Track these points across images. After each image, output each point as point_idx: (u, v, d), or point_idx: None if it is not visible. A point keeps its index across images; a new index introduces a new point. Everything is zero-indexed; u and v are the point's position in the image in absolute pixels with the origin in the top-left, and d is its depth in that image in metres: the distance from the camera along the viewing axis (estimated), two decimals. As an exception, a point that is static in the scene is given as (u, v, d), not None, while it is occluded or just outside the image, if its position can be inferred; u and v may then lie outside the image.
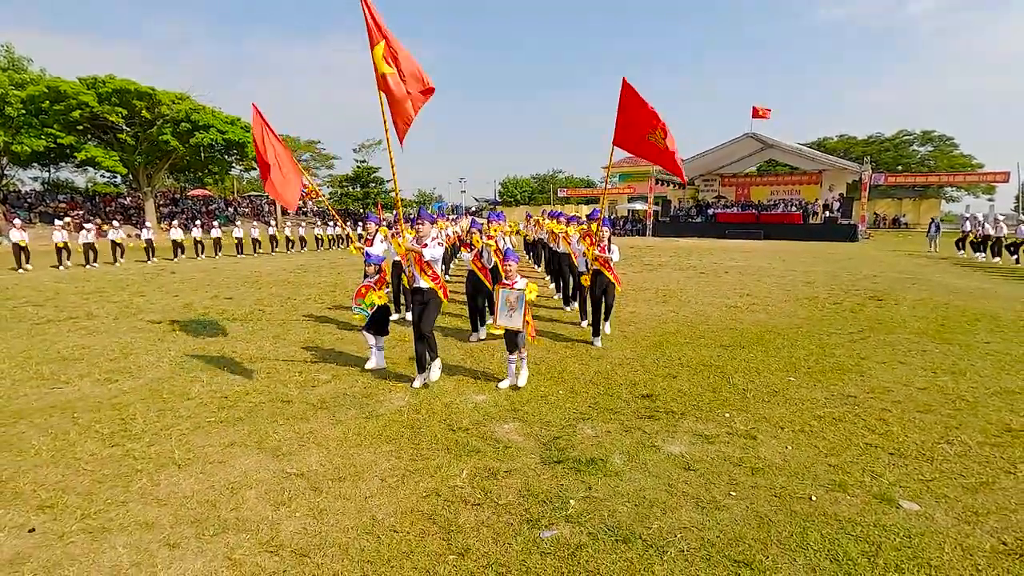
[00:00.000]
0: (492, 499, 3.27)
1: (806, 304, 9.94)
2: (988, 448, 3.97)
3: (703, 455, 3.86)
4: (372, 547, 2.80)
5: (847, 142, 55.50)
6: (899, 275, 14.39)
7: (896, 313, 9.03)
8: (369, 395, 5.11)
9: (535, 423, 4.44)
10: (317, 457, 3.83)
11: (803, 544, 2.82)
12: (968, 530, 2.95)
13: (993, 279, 13.86)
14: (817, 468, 3.67)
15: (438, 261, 5.22)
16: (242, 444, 4.04)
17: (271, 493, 3.35)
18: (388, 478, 3.53)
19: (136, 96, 32.71)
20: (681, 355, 6.48)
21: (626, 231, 40.35)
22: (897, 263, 18.03)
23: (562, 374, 5.76)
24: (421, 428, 4.32)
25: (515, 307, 5.17)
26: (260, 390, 5.25)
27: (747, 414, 4.64)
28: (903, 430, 4.30)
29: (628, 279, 13.20)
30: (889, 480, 3.49)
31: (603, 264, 6.84)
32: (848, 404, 4.87)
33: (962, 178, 43.40)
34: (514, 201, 64.65)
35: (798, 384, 5.42)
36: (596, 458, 3.77)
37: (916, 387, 5.32)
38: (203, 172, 42.62)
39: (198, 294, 11.49)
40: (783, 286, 12.25)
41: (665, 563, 2.67)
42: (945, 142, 52.67)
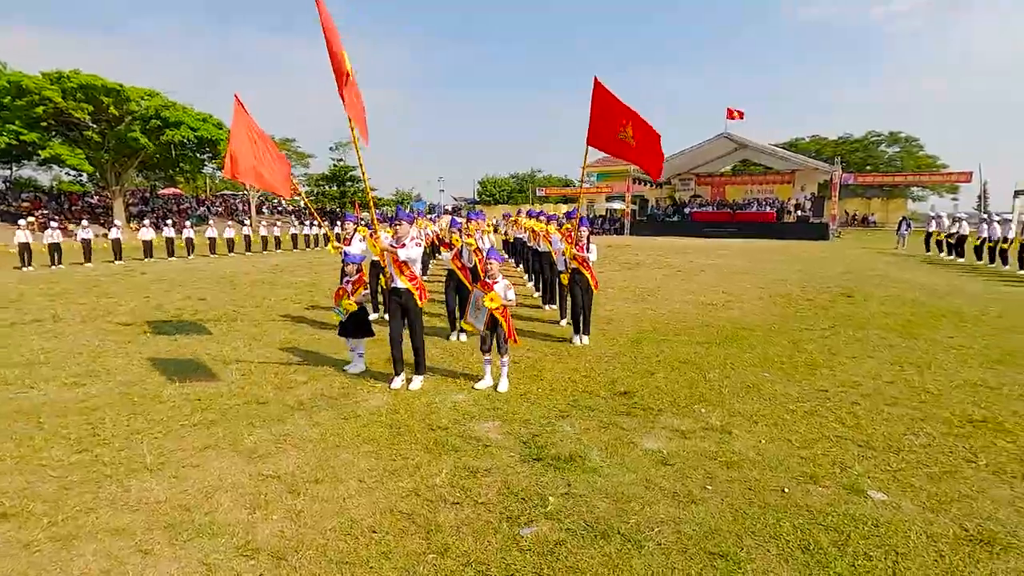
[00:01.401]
0: (472, 497, 3.27)
1: (780, 301, 10.16)
2: (951, 439, 4.11)
3: (679, 450, 3.92)
4: (350, 548, 2.78)
5: (818, 142, 56.79)
6: (869, 273, 14.79)
7: (866, 309, 9.29)
8: (347, 396, 5.06)
9: (514, 421, 4.45)
10: (294, 459, 3.78)
11: (776, 535, 2.89)
12: (933, 518, 3.06)
13: (958, 276, 14.34)
14: (790, 461, 3.76)
15: (416, 261, 5.19)
16: (216, 447, 3.97)
17: (247, 496, 3.30)
18: (366, 479, 3.50)
19: (103, 92, 31.79)
20: (658, 352, 6.57)
21: (604, 230, 40.63)
22: (867, 261, 18.52)
23: (541, 372, 5.79)
24: (400, 428, 4.30)
25: (481, 309, 5.18)
26: (235, 392, 5.16)
27: (722, 409, 4.72)
28: (871, 423, 4.42)
29: (606, 277, 13.31)
30: (858, 471, 3.60)
31: (581, 263, 6.89)
32: (819, 398, 4.99)
33: (927, 178, 44.82)
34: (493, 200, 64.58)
35: (772, 379, 5.54)
36: (575, 455, 3.80)
37: (884, 380, 5.48)
38: (174, 170, 41.72)
39: (170, 295, 11.24)
40: (757, 284, 12.49)
41: (643, 557, 2.71)
42: (911, 143, 54.30)
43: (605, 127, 6.03)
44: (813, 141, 57.45)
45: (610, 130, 6.00)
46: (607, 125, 5.99)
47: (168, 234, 21.20)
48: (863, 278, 13.46)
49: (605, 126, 6.02)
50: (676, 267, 16.19)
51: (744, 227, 33.63)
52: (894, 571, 2.60)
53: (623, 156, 6.17)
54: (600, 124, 6.04)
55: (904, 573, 2.58)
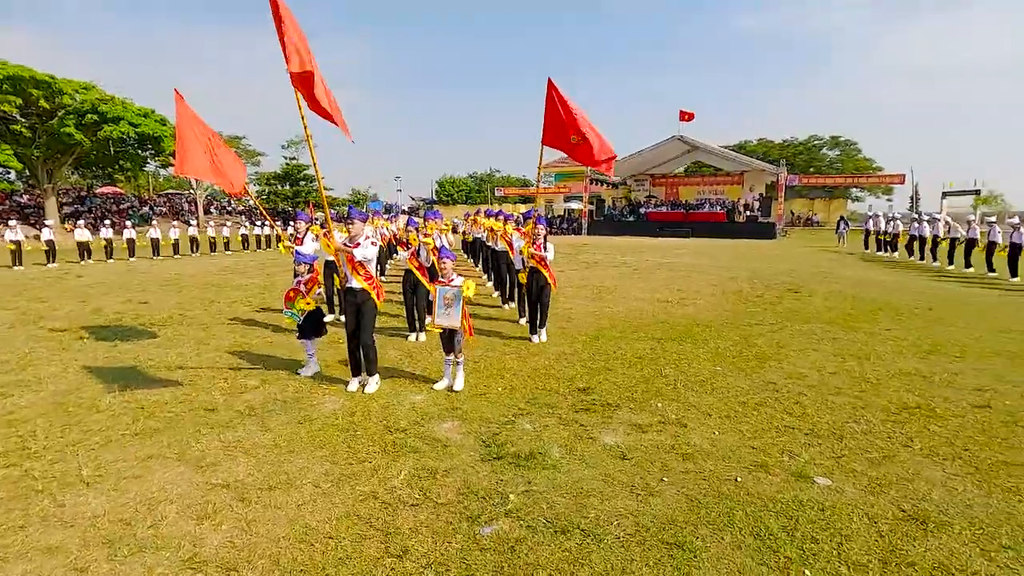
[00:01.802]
0: (431, 499, 3.23)
1: (731, 298, 10.50)
2: (889, 425, 4.34)
3: (637, 444, 3.98)
4: (305, 556, 2.69)
5: (765, 145, 59.08)
6: (813, 270, 15.48)
7: (810, 305, 9.71)
8: (301, 400, 4.91)
9: (474, 420, 4.43)
10: (245, 466, 3.64)
11: (730, 523, 2.97)
12: (873, 500, 3.22)
13: (893, 272, 15.20)
14: (741, 451, 3.88)
15: (371, 261, 5.08)
16: (161, 456, 3.78)
17: (194, 507, 3.15)
18: (322, 484, 3.41)
19: (33, 84, 29.79)
20: (616, 349, 6.67)
21: (562, 230, 41.01)
22: (811, 258, 19.39)
23: (500, 371, 5.78)
24: (356, 431, 4.20)
25: (452, 304, 5.13)
26: (181, 399, 4.93)
27: (678, 403, 4.83)
28: (817, 412, 4.62)
29: (565, 276, 13.43)
30: (805, 459, 3.75)
31: (539, 262, 6.92)
32: (769, 390, 5.18)
33: (865, 179, 47.40)
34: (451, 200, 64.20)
35: (724, 373, 5.71)
36: (535, 452, 3.81)
37: (827, 372, 5.74)
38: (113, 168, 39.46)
39: (109, 299, 10.64)
40: (710, 281, 12.87)
41: (602, 550, 2.73)
42: (850, 146, 57.21)
43: (559, 127, 6.08)
44: (760, 144, 59.70)
45: (563, 130, 6.06)
46: (560, 125, 6.05)
47: (106, 235, 20.06)
48: (808, 275, 14.07)
49: (559, 126, 6.07)
50: (632, 266, 16.51)
51: (697, 227, 34.59)
52: (839, 552, 2.72)
53: (575, 157, 6.24)
54: (554, 124, 6.09)
55: (848, 553, 2.70)
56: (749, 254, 20.98)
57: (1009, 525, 2.95)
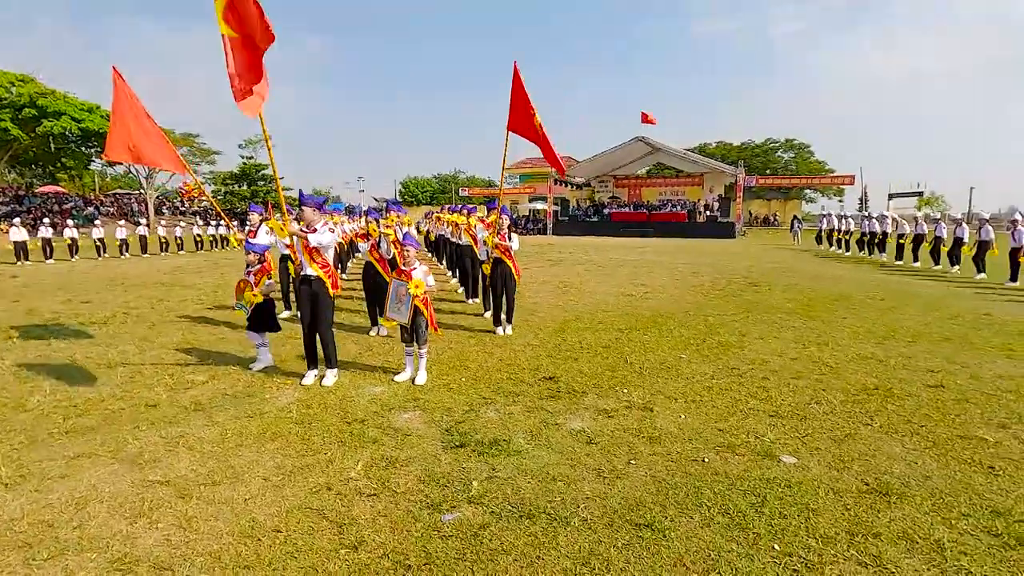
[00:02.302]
0: (390, 488, 3.05)
1: (693, 291, 10.62)
2: (850, 405, 4.39)
3: (603, 429, 3.90)
4: (250, 551, 2.48)
5: (724, 147, 60.67)
6: (772, 266, 15.88)
7: (770, 297, 9.90)
8: (252, 394, 4.64)
9: (436, 410, 4.26)
10: (187, 462, 3.38)
11: (698, 503, 2.91)
12: (837, 476, 3.21)
13: (846, 267, 15.73)
14: (708, 433, 3.84)
15: (327, 248, 4.85)
16: (92, 455, 3.48)
17: (127, 505, 2.88)
18: (272, 477, 3.19)
19: (-36, 75, 28.02)
20: (581, 339, 6.60)
21: (527, 230, 41.08)
22: (769, 255, 19.91)
23: (464, 362, 5.63)
24: (312, 423, 3.98)
25: (403, 300, 4.96)
26: (120, 396, 4.59)
27: (644, 389, 4.78)
28: (780, 395, 4.64)
29: (531, 274, 13.36)
30: (771, 439, 3.73)
31: (503, 252, 6.80)
32: (733, 375, 5.19)
33: (818, 180, 49.22)
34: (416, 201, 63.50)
35: (689, 360, 5.71)
36: (499, 439, 3.67)
37: (789, 357, 5.81)
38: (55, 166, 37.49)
39: (46, 299, 9.97)
40: (673, 277, 13.02)
41: (569, 533, 2.62)
42: (804, 149, 59.34)
43: (524, 113, 5.98)
44: (719, 146, 61.29)
45: (528, 117, 5.97)
46: (525, 112, 5.96)
47: (45, 234, 18.89)
48: (767, 270, 14.41)
49: (524, 112, 5.97)
50: (597, 263, 16.58)
51: (659, 227, 35.17)
52: (807, 526, 2.68)
53: (540, 144, 6.16)
54: (519, 109, 5.99)
55: (816, 527, 2.67)
56: (710, 252, 21.40)
57: (967, 494, 2.99)
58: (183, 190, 49.44)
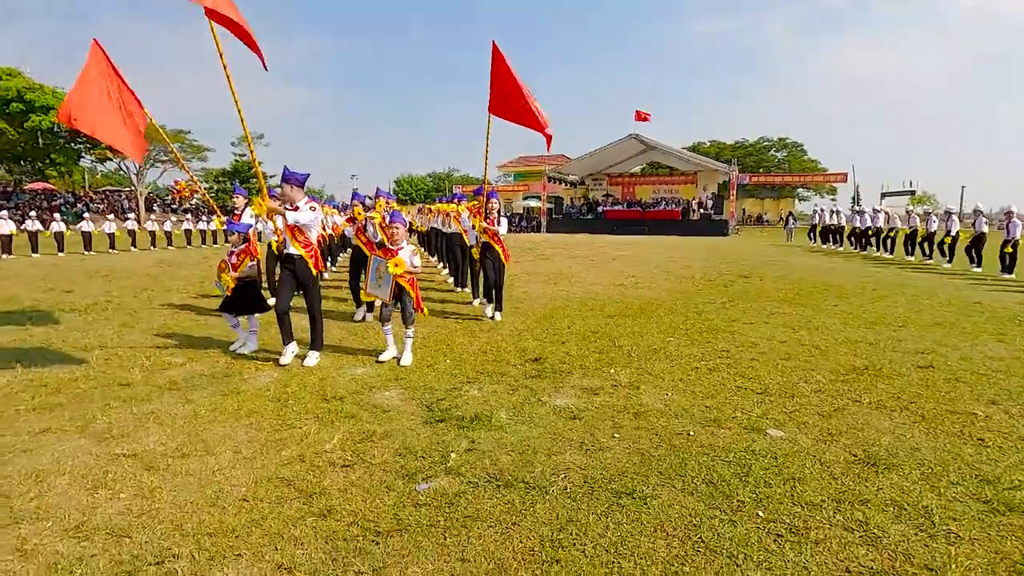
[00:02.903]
0: (365, 460, 2.96)
1: (684, 282, 10.57)
2: (838, 384, 4.32)
3: (588, 406, 3.82)
4: (214, 519, 2.38)
5: (718, 146, 60.77)
6: (763, 259, 15.88)
7: (760, 286, 9.86)
8: (231, 374, 4.53)
9: (418, 389, 4.17)
10: (157, 436, 3.27)
11: (681, 472, 2.83)
12: (825, 448, 3.14)
13: (838, 260, 15.74)
14: (694, 409, 3.76)
15: (309, 228, 4.73)
16: (59, 430, 3.36)
17: (90, 476, 2.77)
18: (243, 450, 3.08)
19: (-50, 69, 27.64)
20: (570, 325, 6.52)
21: (521, 228, 41.00)
22: (761, 250, 19.93)
23: (450, 346, 5.53)
24: (289, 400, 3.88)
25: (384, 277, 4.86)
26: (93, 376, 4.47)
27: (631, 369, 4.70)
28: (768, 374, 4.58)
29: (521, 266, 13.28)
30: (757, 414, 3.66)
31: (491, 236, 6.71)
32: (721, 357, 5.12)
33: (811, 178, 49.33)
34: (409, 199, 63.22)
35: (677, 343, 5.64)
36: (480, 415, 3.58)
37: (778, 340, 5.75)
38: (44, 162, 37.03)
39: (28, 288, 9.80)
40: (664, 269, 12.97)
41: (547, 501, 2.53)
42: (797, 148, 59.51)
43: (504, 94, 5.88)
44: (713, 145, 61.38)
45: (511, 96, 5.87)
46: (508, 91, 5.86)
47: (31, 227, 18.64)
48: (758, 263, 14.40)
49: (506, 92, 5.87)
50: (589, 258, 16.52)
51: (653, 224, 35.19)
52: (792, 494, 2.60)
53: (526, 122, 6.04)
54: (500, 91, 5.89)
55: (802, 495, 2.59)
56: (702, 248, 21.39)
57: (956, 464, 2.92)
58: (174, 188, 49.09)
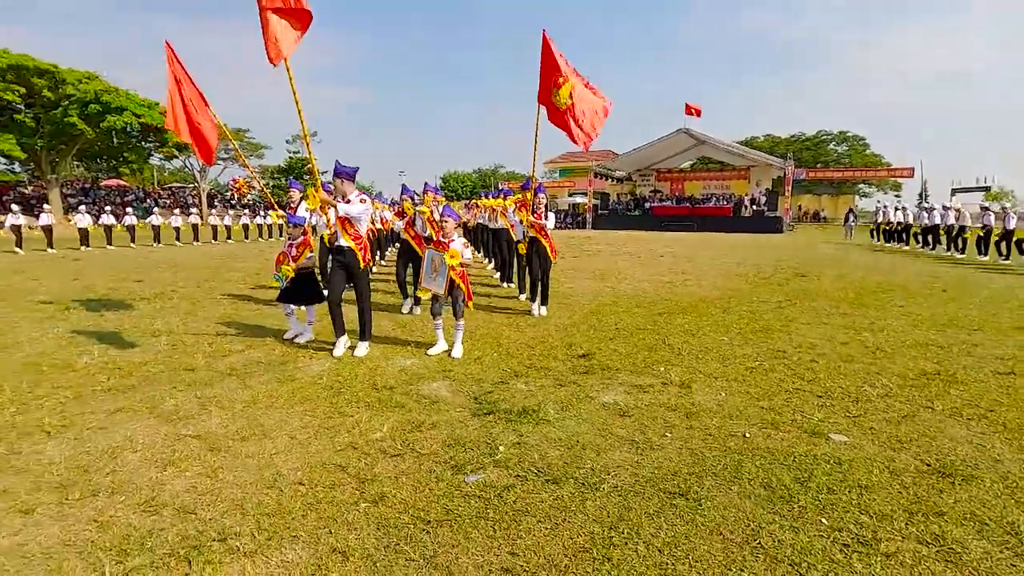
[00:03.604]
0: (415, 450, 2.99)
1: (736, 279, 10.22)
2: (908, 389, 4.07)
3: (638, 403, 3.74)
4: (272, 501, 2.46)
5: (772, 140, 58.52)
6: (821, 257, 15.17)
7: (819, 285, 9.42)
8: (286, 362, 4.69)
9: (466, 381, 4.19)
10: (219, 419, 3.42)
11: (737, 475, 2.73)
12: (894, 455, 2.96)
13: (903, 259, 14.86)
14: (749, 411, 3.62)
15: (360, 220, 4.83)
16: (131, 410, 3.56)
17: (159, 455, 2.92)
18: (299, 435, 3.18)
19: (35, 73, 29.77)
20: (618, 321, 6.42)
21: (567, 224, 40.74)
22: (819, 248, 19.04)
23: (497, 340, 5.54)
24: (342, 389, 3.97)
25: (439, 270, 4.90)
26: (161, 361, 4.72)
27: (682, 368, 4.58)
28: (829, 377, 4.36)
29: (567, 263, 13.18)
30: (818, 418, 3.49)
31: (539, 231, 6.67)
32: (778, 358, 4.92)
33: (873, 173, 46.76)
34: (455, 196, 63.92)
35: (730, 343, 5.45)
36: (528, 408, 3.56)
37: (839, 342, 5.47)
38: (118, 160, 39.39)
39: (103, 277, 10.46)
40: (715, 266, 12.59)
41: (598, 499, 2.49)
42: (858, 142, 56.59)
43: (549, 85, 5.81)
44: (767, 139, 59.18)
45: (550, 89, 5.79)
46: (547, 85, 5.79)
47: (107, 221, 19.91)
48: (815, 261, 13.77)
49: (549, 84, 5.80)
50: (636, 254, 16.23)
51: (702, 221, 34.23)
52: (859, 502, 2.46)
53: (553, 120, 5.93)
54: (546, 83, 5.82)
55: (870, 503, 2.45)
56: (755, 245, 20.65)
57: (1045, 479, 2.69)
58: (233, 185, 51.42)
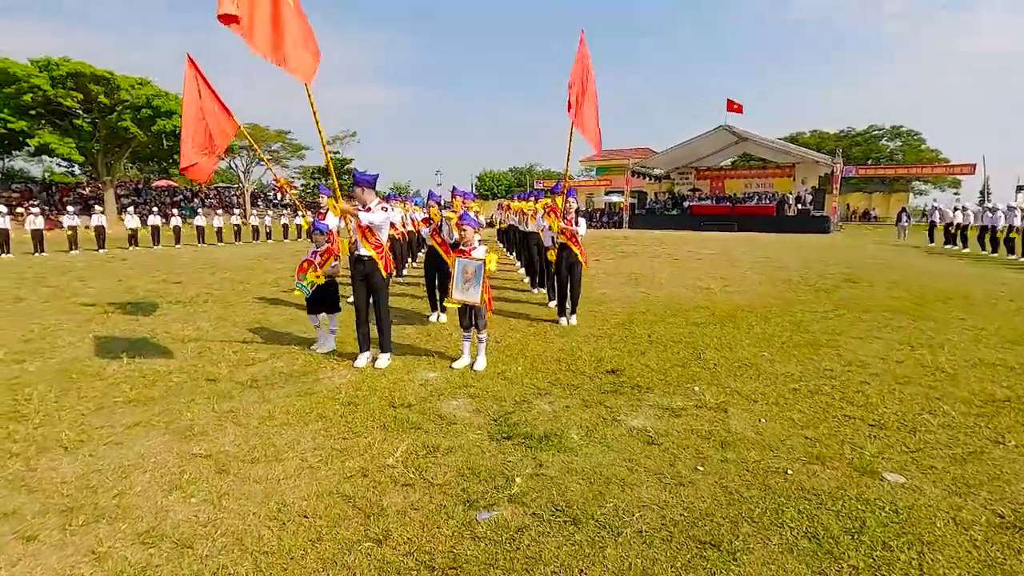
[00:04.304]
0: (426, 478, 2.83)
1: (779, 286, 9.72)
2: (973, 418, 3.68)
3: (669, 429, 3.48)
4: (272, 536, 2.34)
5: (819, 137, 56.16)
6: (872, 260, 14.36)
7: (870, 293, 8.85)
8: (307, 373, 4.62)
9: (487, 399, 4.01)
10: (232, 437, 3.35)
11: (778, 521, 2.45)
12: (960, 503, 2.62)
13: (962, 264, 13.91)
14: (792, 441, 3.32)
15: (381, 228, 4.72)
16: (148, 424, 3.53)
17: (168, 476, 2.86)
18: (309, 457, 3.06)
19: (92, 80, 31.20)
20: (651, 332, 6.13)
21: (603, 223, 40.17)
22: (870, 251, 18.07)
23: (523, 351, 5.35)
24: (358, 405, 3.86)
25: (472, 279, 4.74)
26: (186, 369, 4.73)
27: (718, 387, 4.29)
28: (883, 401, 3.99)
29: (600, 265, 12.86)
30: (871, 452, 3.16)
31: (569, 238, 6.44)
32: (824, 377, 4.56)
33: (930, 170, 44.16)
34: (491, 195, 63.96)
35: (772, 359, 5.10)
36: (550, 433, 3.36)
37: (893, 360, 5.04)
38: (168, 162, 41.05)
39: (144, 279, 10.78)
40: (756, 270, 12.05)
41: (619, 545, 2.27)
42: (913, 137, 53.65)
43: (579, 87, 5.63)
44: (814, 135, 56.87)
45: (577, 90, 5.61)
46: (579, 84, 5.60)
47: (154, 222, 20.69)
48: (866, 265, 13.02)
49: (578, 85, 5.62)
50: (672, 256, 15.74)
51: (744, 221, 33.13)
52: (921, 563, 2.16)
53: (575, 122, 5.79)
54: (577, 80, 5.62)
55: (933, 566, 2.15)
56: (800, 246, 19.78)
57: None
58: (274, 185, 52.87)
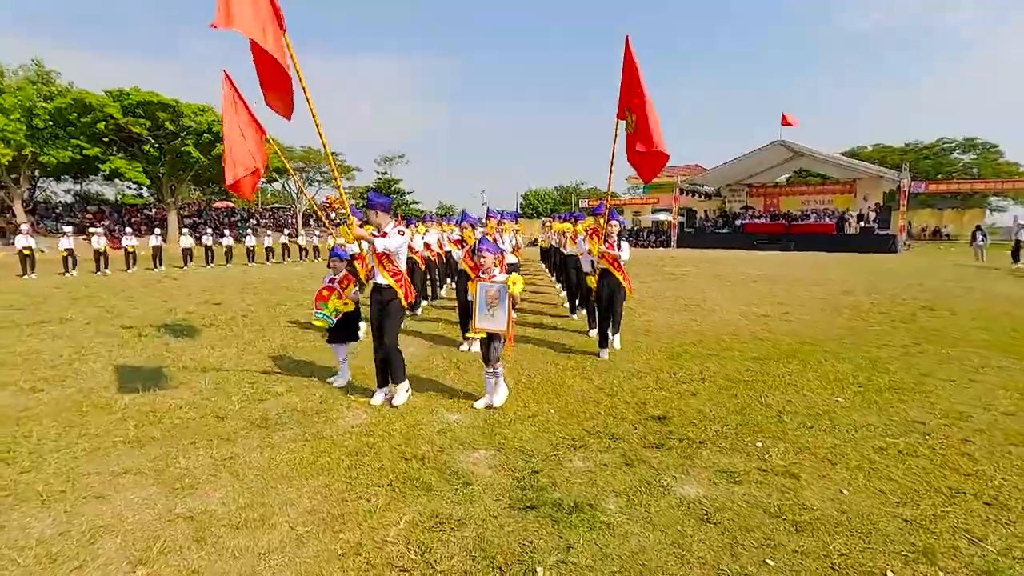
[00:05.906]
0: (428, 563, 2.36)
1: (847, 314, 8.80)
2: (1123, 498, 2.90)
3: (727, 501, 2.88)
4: (233, 640, 1.92)
5: (882, 151, 53.18)
6: (949, 284, 13.03)
7: (954, 324, 7.84)
8: (321, 412, 4.26)
9: (512, 451, 3.52)
10: (224, 491, 2.98)
11: (882, 656, 1.84)
12: None
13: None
14: (887, 524, 2.66)
15: (398, 255, 4.34)
16: (138, 472, 3.22)
17: (139, 543, 2.50)
18: (300, 526, 2.65)
19: (160, 108, 33.08)
20: (703, 368, 5.49)
21: (650, 242, 39.13)
22: (944, 273, 16.53)
23: (558, 389, 4.84)
24: (366, 455, 3.44)
25: (496, 303, 4.29)
26: (197, 404, 4.45)
27: (785, 444, 3.64)
28: (997, 469, 3.25)
29: (647, 288, 12.18)
30: (995, 546, 2.48)
31: (611, 263, 5.92)
32: (916, 432, 3.83)
33: (1010, 185, 40.79)
34: (536, 213, 63.78)
35: (847, 406, 4.38)
36: (583, 503, 2.83)
37: (1000, 411, 4.23)
38: (226, 184, 43.11)
39: (188, 300, 10.90)
40: (818, 295, 11.07)
41: None
42: (989, 149, 50.01)
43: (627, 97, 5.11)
44: (876, 149, 53.95)
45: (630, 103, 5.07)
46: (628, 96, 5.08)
47: (207, 243, 21.41)
48: (944, 290, 11.78)
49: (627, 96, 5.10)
50: (725, 278, 14.83)
51: (800, 239, 31.47)
52: None
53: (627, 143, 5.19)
54: (626, 97, 5.11)
55: None
56: (864, 267, 18.36)
57: None
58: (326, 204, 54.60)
